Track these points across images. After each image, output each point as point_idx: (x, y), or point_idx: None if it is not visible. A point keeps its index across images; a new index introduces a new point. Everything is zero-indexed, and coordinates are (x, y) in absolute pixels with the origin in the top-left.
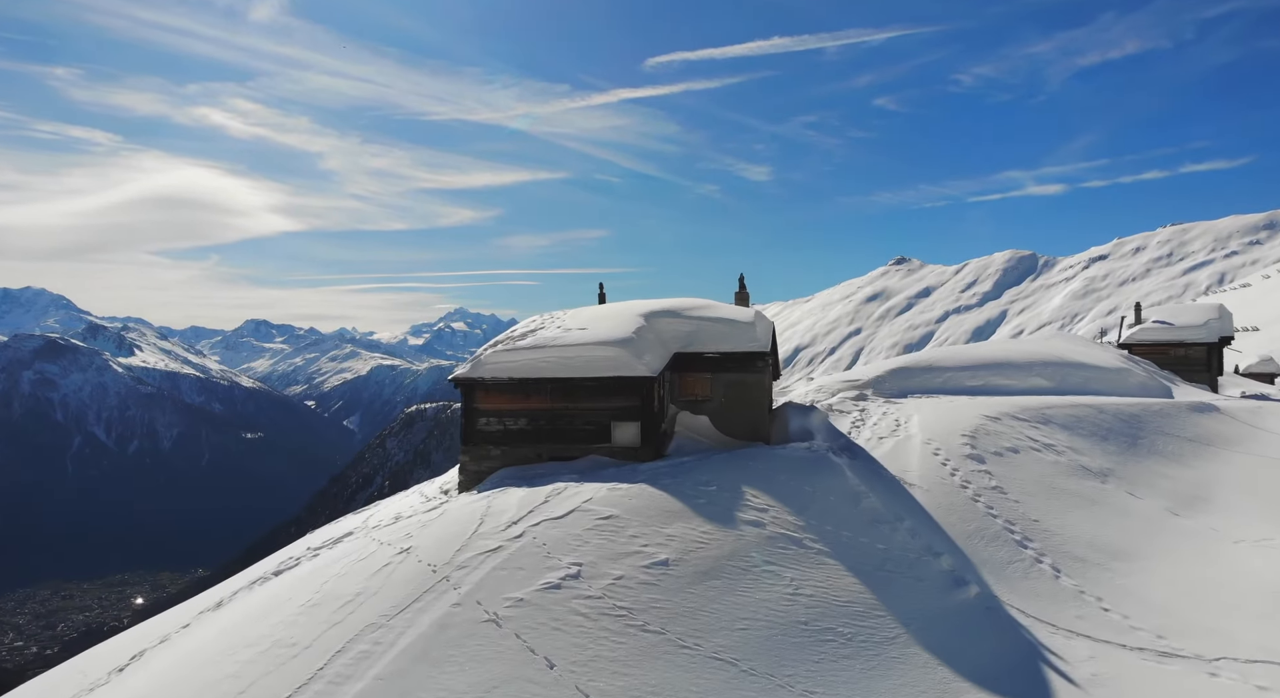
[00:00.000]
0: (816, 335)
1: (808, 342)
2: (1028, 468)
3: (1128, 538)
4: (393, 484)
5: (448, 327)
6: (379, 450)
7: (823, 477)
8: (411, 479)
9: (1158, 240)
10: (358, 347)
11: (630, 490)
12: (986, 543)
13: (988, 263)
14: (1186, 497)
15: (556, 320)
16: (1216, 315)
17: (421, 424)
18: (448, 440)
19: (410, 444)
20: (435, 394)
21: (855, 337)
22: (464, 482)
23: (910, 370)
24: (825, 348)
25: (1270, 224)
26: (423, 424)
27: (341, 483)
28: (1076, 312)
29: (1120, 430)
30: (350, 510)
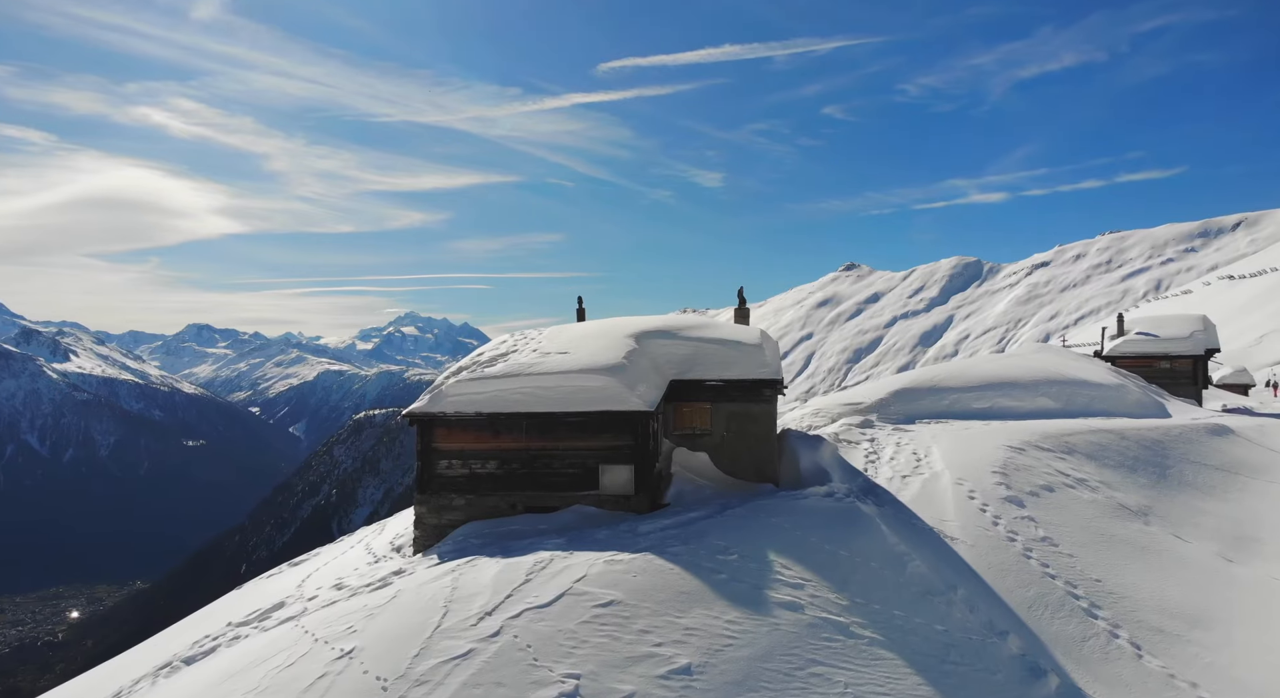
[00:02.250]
0: None
1: None
2: (1069, 510)
3: (1195, 597)
4: (339, 494)
5: (397, 331)
6: (326, 458)
7: (857, 535)
8: (359, 488)
9: (1097, 247)
10: (304, 352)
11: (633, 564)
12: (1052, 614)
13: (934, 269)
14: (1232, 537)
15: (532, 342)
16: (1201, 328)
17: (370, 431)
18: (397, 447)
19: (358, 452)
20: (384, 400)
21: (807, 341)
22: (421, 537)
23: (915, 392)
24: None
25: (1204, 232)
26: (371, 431)
27: (287, 491)
28: (1020, 317)
29: (1147, 460)
30: (297, 520)
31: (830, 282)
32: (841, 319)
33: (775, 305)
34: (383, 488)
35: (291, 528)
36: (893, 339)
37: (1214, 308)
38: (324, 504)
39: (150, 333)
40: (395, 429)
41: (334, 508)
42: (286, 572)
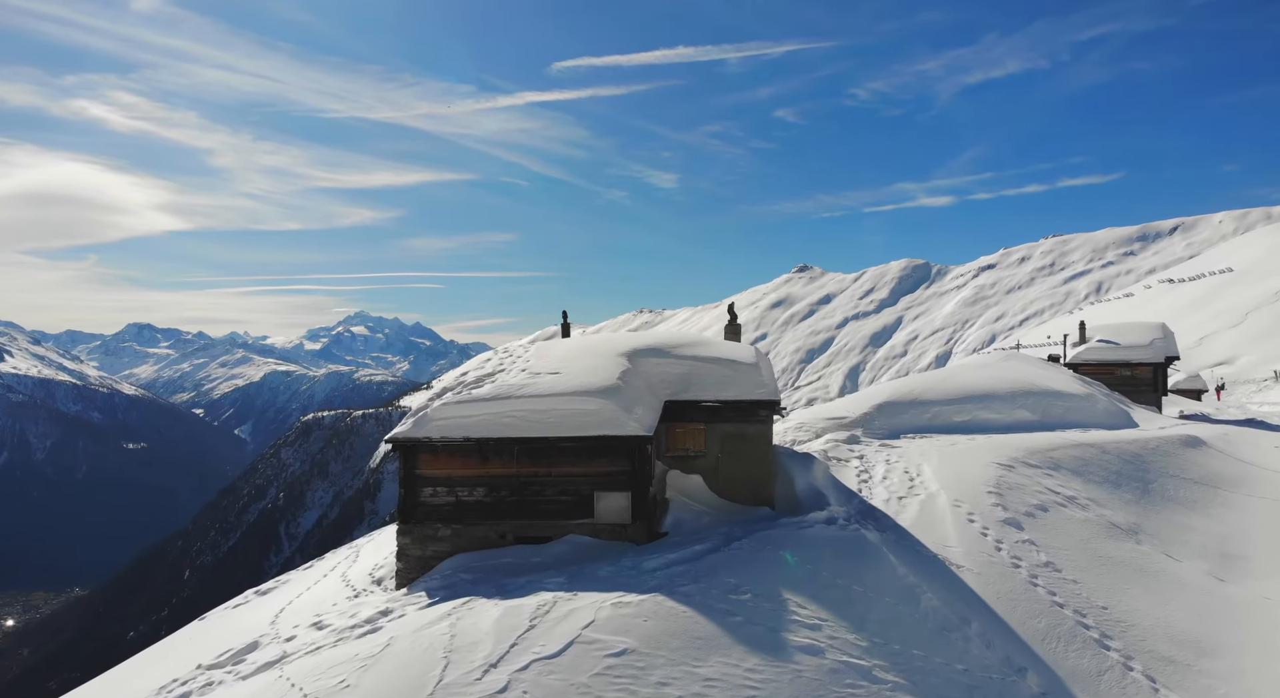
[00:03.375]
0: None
1: None
2: (1065, 531)
3: (1197, 622)
4: (287, 498)
5: (347, 331)
6: (273, 461)
7: (867, 567)
8: (308, 491)
9: (1041, 251)
10: (250, 352)
11: (643, 607)
12: (1065, 645)
13: (884, 271)
14: (1219, 555)
15: (519, 360)
16: (1161, 335)
17: (319, 433)
18: (346, 450)
19: (307, 454)
20: (333, 401)
21: (761, 342)
22: (404, 570)
23: (897, 405)
24: None
25: (1143, 236)
26: (320, 433)
27: (233, 495)
28: (967, 318)
29: (1129, 474)
30: (243, 525)
31: (784, 283)
32: (795, 320)
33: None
34: (332, 491)
35: (237, 532)
36: (844, 340)
37: (1155, 311)
38: (271, 508)
39: (89, 333)
40: (345, 431)
41: (281, 512)
42: (255, 602)
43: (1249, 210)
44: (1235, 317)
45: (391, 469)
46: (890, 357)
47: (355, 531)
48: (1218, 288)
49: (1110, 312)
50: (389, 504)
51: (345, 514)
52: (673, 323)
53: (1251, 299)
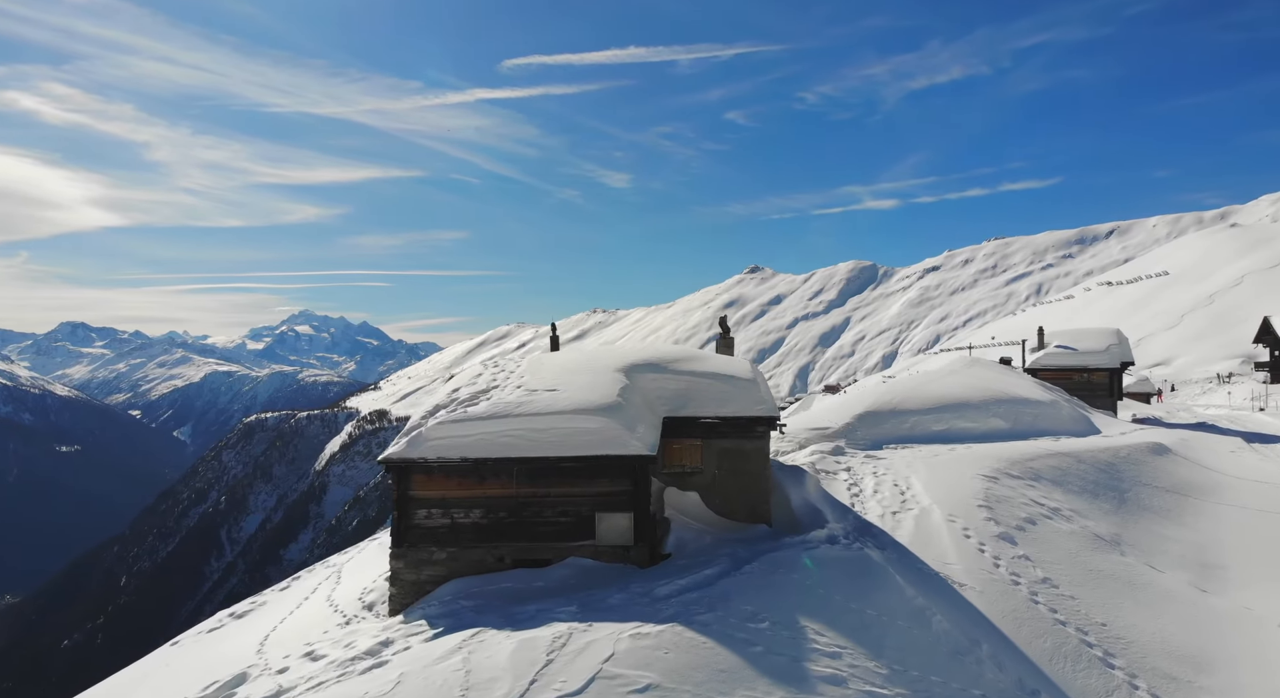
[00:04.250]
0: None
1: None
2: (1055, 544)
3: (1189, 636)
4: (229, 501)
5: (291, 330)
6: (214, 464)
7: (876, 589)
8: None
9: (984, 253)
10: (190, 351)
11: (662, 638)
12: (1072, 665)
13: (833, 272)
14: (1198, 565)
15: (513, 376)
16: (1116, 341)
17: (262, 435)
18: (291, 452)
19: (249, 457)
20: (277, 402)
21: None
22: (397, 595)
23: (878, 415)
24: None
25: (1080, 240)
26: (263, 435)
27: (172, 499)
28: (913, 319)
29: (1104, 483)
30: (182, 529)
31: (736, 284)
32: (747, 320)
33: (684, 306)
34: (276, 494)
35: (176, 537)
36: (794, 339)
37: (1096, 312)
38: (212, 512)
39: (20, 332)
40: (289, 433)
41: (223, 516)
42: (231, 626)
43: (1181, 215)
44: (1171, 319)
45: (337, 471)
46: (839, 357)
47: (301, 534)
48: (1154, 291)
49: (1051, 313)
50: (334, 508)
51: (289, 518)
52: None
53: (1187, 302)
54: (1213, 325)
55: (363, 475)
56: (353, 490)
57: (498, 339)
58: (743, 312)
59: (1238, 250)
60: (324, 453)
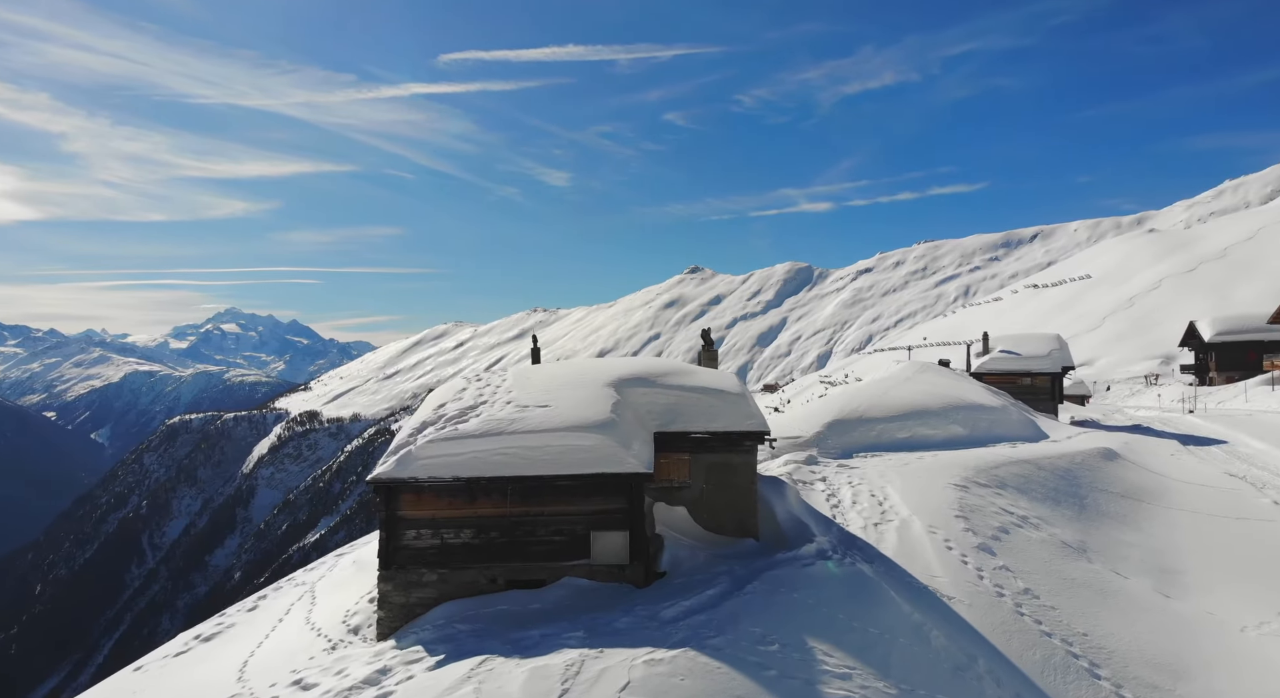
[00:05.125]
0: (620, 340)
1: (612, 345)
2: (1029, 554)
3: (1163, 643)
4: (151, 506)
5: (217, 328)
6: (135, 467)
7: (875, 606)
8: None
9: (914, 255)
10: (108, 350)
11: (677, 664)
12: (1063, 678)
13: (770, 274)
14: (1158, 570)
15: (500, 391)
16: (1058, 346)
17: (186, 437)
18: (217, 455)
19: (172, 460)
20: (202, 403)
21: (655, 341)
22: (386, 619)
23: (846, 423)
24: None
25: (1006, 243)
26: (187, 437)
27: (89, 504)
28: (847, 319)
29: (1064, 490)
30: (101, 535)
31: (676, 284)
32: (687, 320)
33: (625, 306)
34: (201, 498)
35: (94, 544)
36: (734, 339)
37: (1022, 314)
38: (132, 517)
39: None
40: (215, 435)
41: (144, 521)
42: (200, 650)
43: (1101, 220)
44: (1094, 320)
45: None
46: (776, 356)
47: (227, 539)
48: (1078, 293)
49: (980, 315)
50: (263, 512)
51: (216, 523)
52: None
53: (1108, 304)
54: (1133, 327)
55: (292, 478)
56: (282, 494)
57: (434, 338)
58: (683, 311)
59: (1155, 255)
60: (252, 455)
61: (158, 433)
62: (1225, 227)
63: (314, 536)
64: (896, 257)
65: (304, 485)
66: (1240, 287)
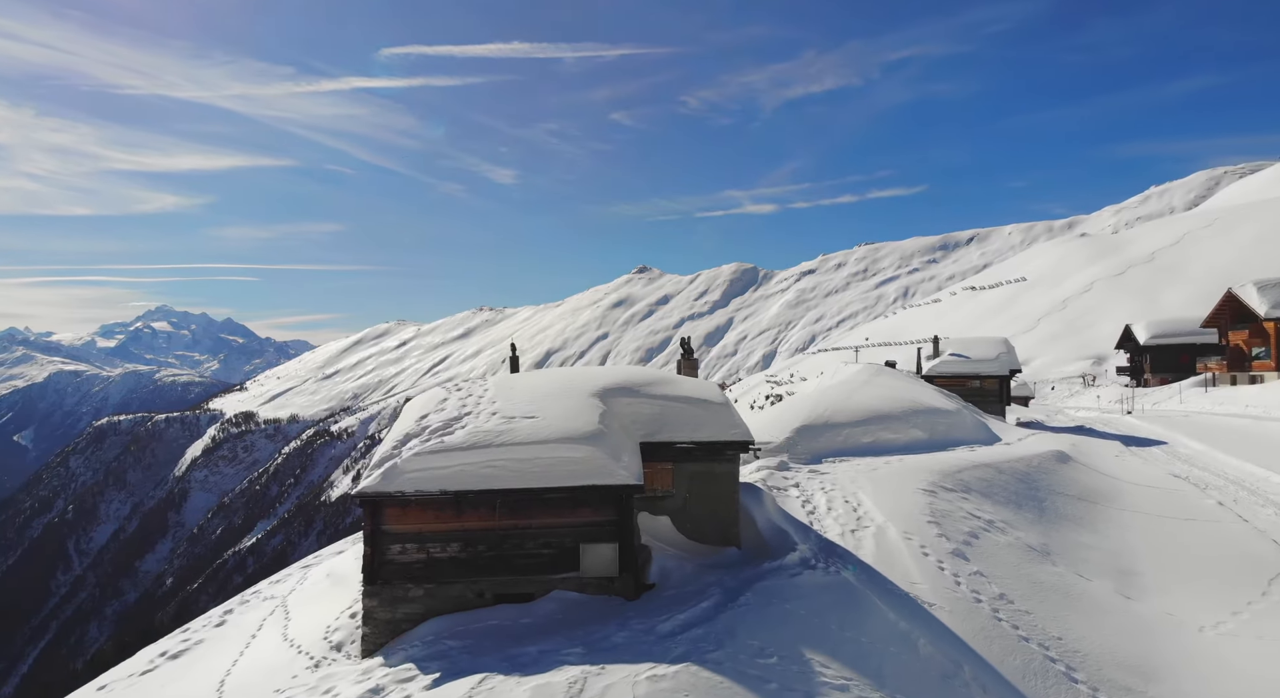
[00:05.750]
0: (567, 339)
1: (559, 345)
2: (999, 558)
3: (1131, 645)
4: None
5: (147, 327)
6: (60, 470)
7: (864, 615)
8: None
9: (855, 257)
10: (32, 349)
11: (680, 680)
12: (1043, 683)
13: (717, 274)
14: (1116, 572)
15: (483, 401)
16: (1005, 349)
17: (114, 439)
18: (147, 457)
19: (100, 463)
20: (131, 404)
21: (603, 340)
22: (371, 635)
23: (813, 428)
24: (576, 351)
25: (944, 246)
26: (116, 439)
27: (12, 509)
28: (791, 320)
29: (1024, 493)
30: (25, 541)
31: (624, 283)
32: (635, 320)
33: (573, 305)
34: (130, 502)
35: (18, 550)
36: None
37: (961, 316)
38: (58, 522)
39: None
40: (145, 437)
41: (71, 526)
42: (168, 668)
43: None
44: (1029, 322)
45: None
46: (723, 355)
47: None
48: (1013, 296)
49: (920, 316)
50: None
51: (146, 527)
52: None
53: (1043, 306)
54: (1066, 328)
55: (227, 481)
56: (216, 497)
57: (376, 337)
58: (631, 311)
59: (1087, 258)
60: (184, 458)
61: (84, 435)
62: (1152, 232)
63: (250, 540)
64: (838, 258)
65: (240, 488)
66: (1167, 290)
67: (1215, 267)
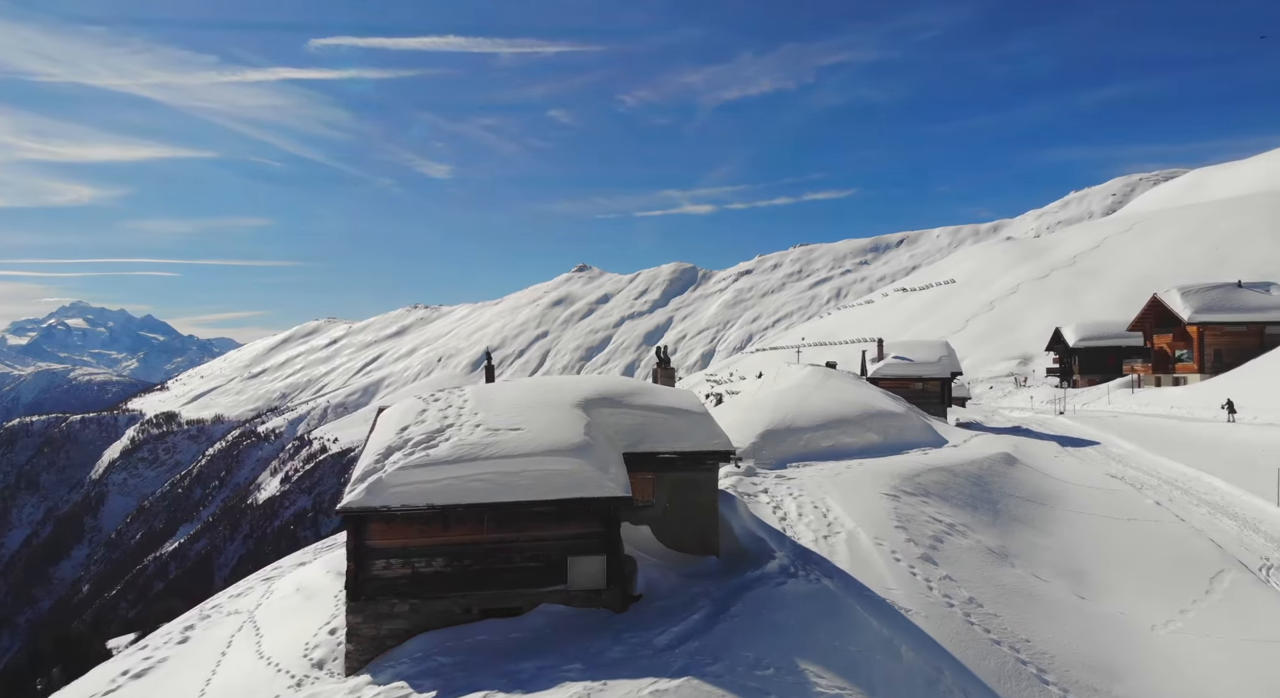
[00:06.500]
0: (506, 338)
1: (497, 344)
2: (964, 562)
3: (1093, 646)
4: None
5: (61, 324)
6: None
7: (847, 623)
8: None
9: (790, 258)
10: None
11: (683, 694)
12: (1017, 685)
13: (656, 273)
14: (1069, 572)
15: (465, 412)
16: (946, 353)
17: (26, 441)
18: (61, 460)
19: (11, 465)
20: (44, 404)
21: (542, 339)
22: (355, 652)
23: (776, 433)
24: (515, 350)
25: (875, 247)
26: (28, 441)
27: None
28: (729, 319)
29: (979, 496)
30: None
31: (564, 282)
32: (575, 318)
33: (512, 303)
34: (43, 506)
35: None
36: (621, 338)
37: (892, 316)
38: None
39: None
40: (59, 438)
41: None
42: (133, 688)
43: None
44: (957, 323)
45: (118, 480)
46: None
47: (74, 550)
48: (942, 297)
49: (853, 317)
50: (114, 520)
51: (60, 533)
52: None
53: (970, 308)
54: (993, 329)
55: (148, 484)
56: (136, 501)
57: (305, 335)
58: (571, 310)
59: (1012, 262)
60: (101, 460)
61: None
62: (1074, 236)
63: (173, 544)
64: (774, 259)
65: (161, 492)
66: (1089, 292)
67: (1133, 270)
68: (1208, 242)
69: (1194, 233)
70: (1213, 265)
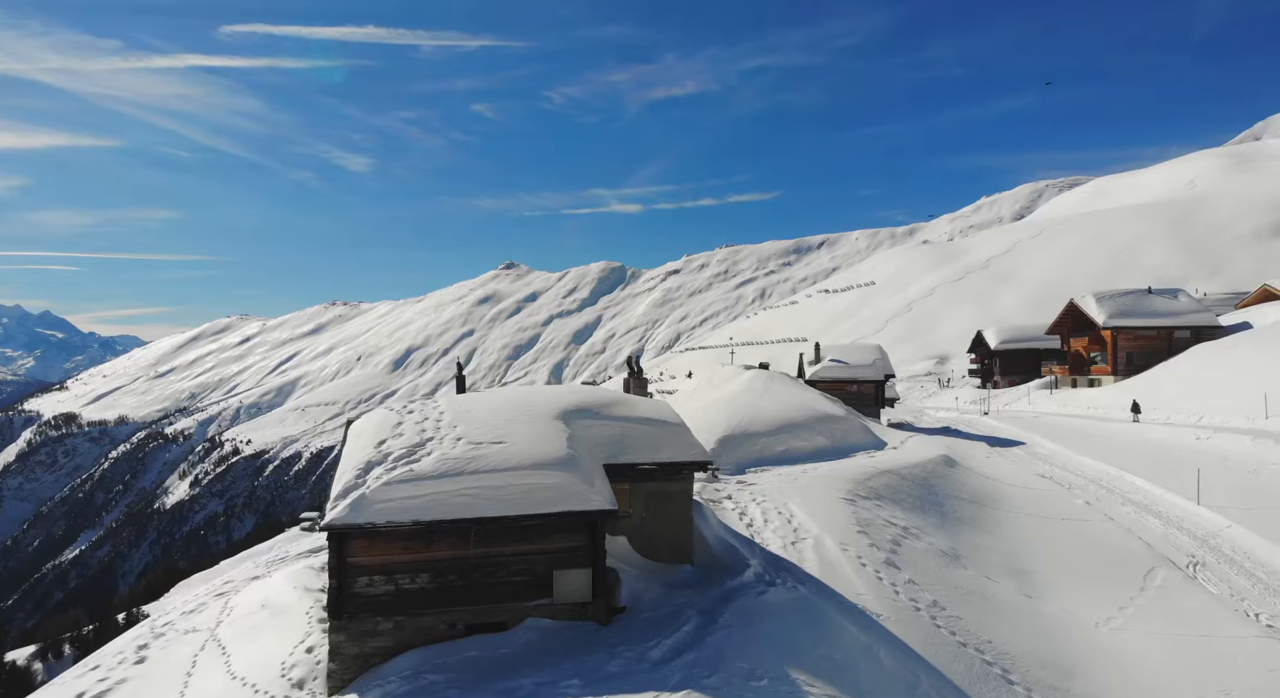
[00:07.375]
0: (430, 336)
1: (421, 342)
2: (922, 565)
3: (1046, 644)
4: None
5: None
6: None
7: (828, 630)
8: None
9: (717, 259)
10: None
11: None
12: (985, 686)
13: (585, 272)
14: (1014, 572)
15: (444, 425)
16: (880, 356)
17: None
18: None
19: None
20: None
21: (469, 338)
22: (338, 671)
23: (734, 438)
24: (439, 348)
25: (797, 249)
26: None
27: None
28: (657, 318)
29: (925, 498)
30: None
31: (491, 279)
32: (502, 317)
33: (436, 301)
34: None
35: None
36: (550, 337)
37: (816, 316)
38: None
39: None
40: None
41: None
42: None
43: (878, 230)
44: (878, 323)
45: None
46: (591, 353)
47: None
48: (863, 299)
49: (777, 317)
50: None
51: None
52: (370, 317)
53: (889, 309)
54: (911, 330)
55: (46, 489)
56: (33, 506)
57: (216, 333)
58: (499, 308)
59: (929, 265)
60: None
61: None
62: (986, 240)
63: (74, 551)
64: (701, 259)
65: (60, 496)
66: (1002, 295)
67: (1043, 273)
68: (1111, 247)
69: (1098, 238)
70: (1116, 269)
